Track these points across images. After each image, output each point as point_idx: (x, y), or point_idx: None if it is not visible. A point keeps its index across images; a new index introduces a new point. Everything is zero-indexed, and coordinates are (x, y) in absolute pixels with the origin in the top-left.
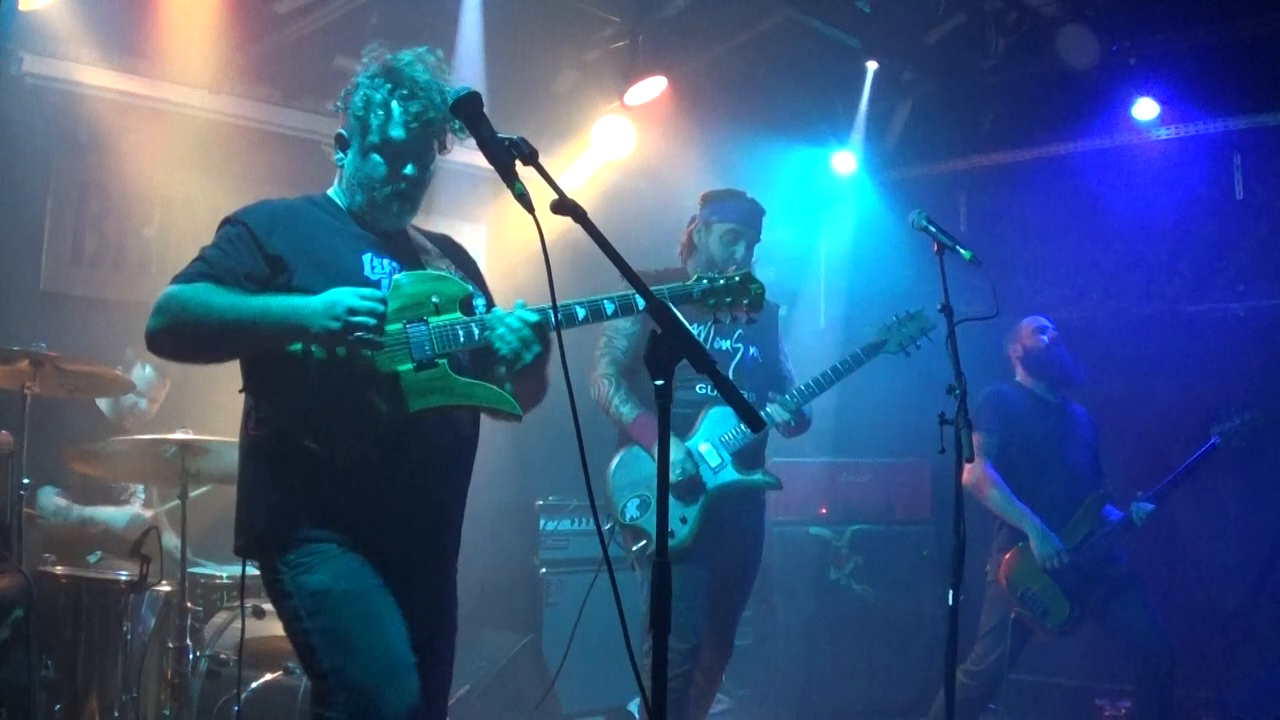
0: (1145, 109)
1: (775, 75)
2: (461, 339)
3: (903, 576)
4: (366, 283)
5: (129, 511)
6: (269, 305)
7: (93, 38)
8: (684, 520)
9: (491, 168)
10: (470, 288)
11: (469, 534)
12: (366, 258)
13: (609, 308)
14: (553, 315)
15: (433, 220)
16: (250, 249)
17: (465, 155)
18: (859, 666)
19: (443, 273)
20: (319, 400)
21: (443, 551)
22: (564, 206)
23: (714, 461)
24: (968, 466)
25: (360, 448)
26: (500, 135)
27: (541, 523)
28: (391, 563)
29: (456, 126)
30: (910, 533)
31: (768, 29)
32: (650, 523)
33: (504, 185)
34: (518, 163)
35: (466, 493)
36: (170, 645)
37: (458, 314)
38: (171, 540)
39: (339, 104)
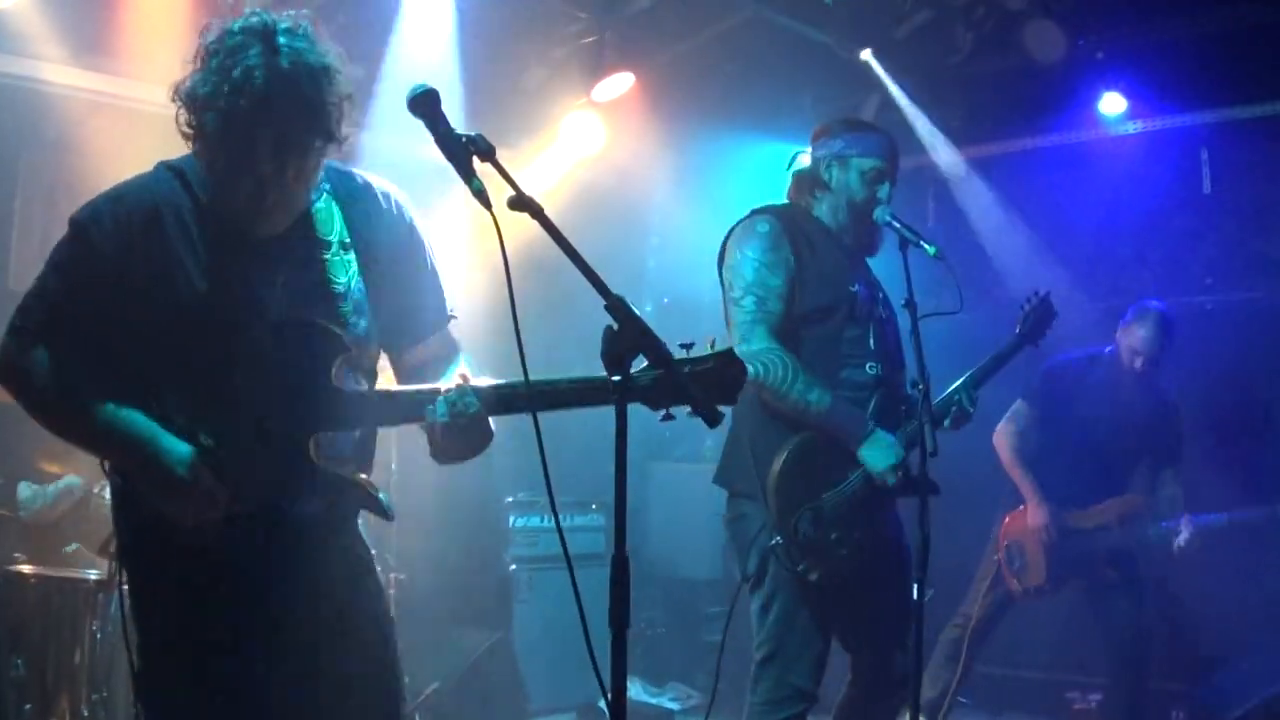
0: (1113, 103)
1: (743, 70)
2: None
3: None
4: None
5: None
6: (111, 439)
7: (60, 36)
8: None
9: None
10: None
11: (439, 531)
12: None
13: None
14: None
15: None
16: (98, 282)
17: (429, 152)
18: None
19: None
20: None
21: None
22: (521, 203)
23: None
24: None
25: (207, 533)
26: (458, 131)
27: (511, 519)
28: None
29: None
30: None
31: (735, 24)
32: (825, 540)
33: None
34: (475, 159)
35: (357, 564)
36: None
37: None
38: None
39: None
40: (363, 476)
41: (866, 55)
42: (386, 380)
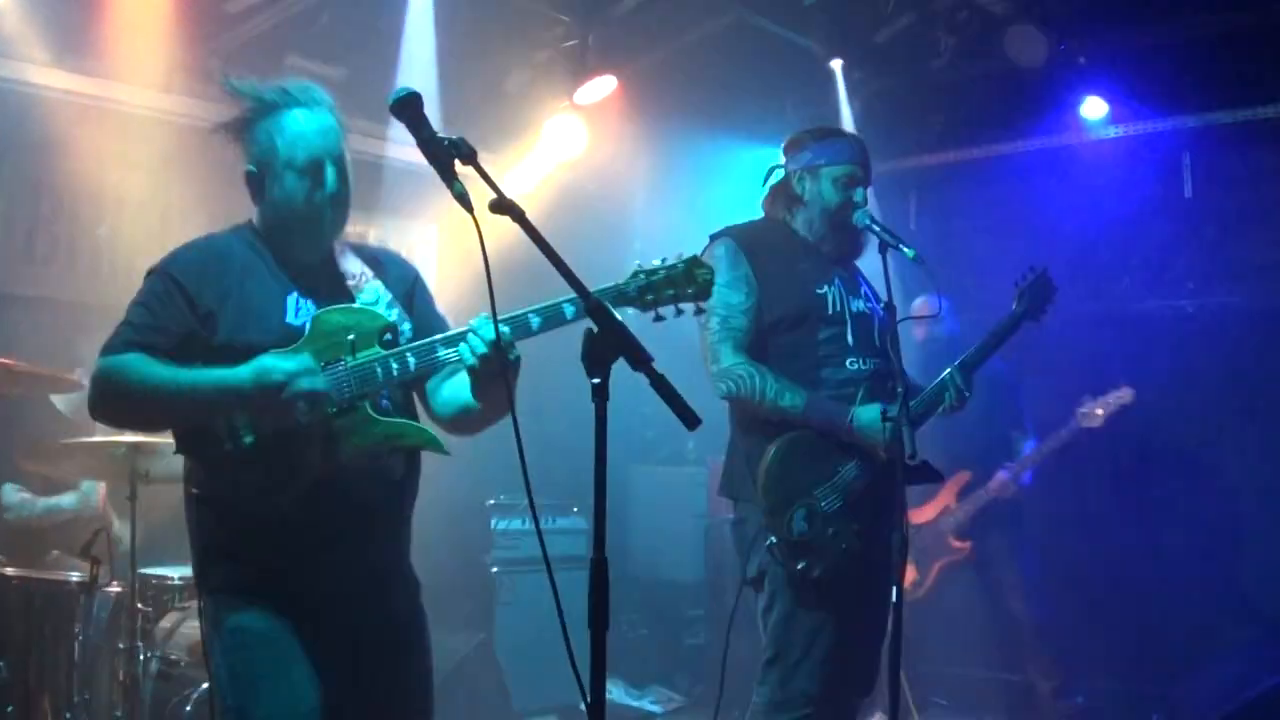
0: (1094, 108)
1: (725, 75)
2: (380, 377)
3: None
4: (288, 329)
5: (77, 493)
6: (197, 385)
7: (44, 38)
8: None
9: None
10: (390, 318)
11: (420, 533)
12: (290, 300)
13: (569, 312)
14: (493, 321)
15: (382, 220)
16: (179, 307)
17: (417, 154)
18: None
19: (361, 305)
20: (242, 457)
21: (380, 601)
22: (502, 206)
23: None
24: None
25: (286, 501)
26: (440, 135)
27: (493, 522)
28: (322, 617)
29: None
30: None
31: (717, 28)
32: (823, 536)
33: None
34: (458, 162)
35: (406, 539)
36: (121, 646)
37: (376, 349)
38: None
39: (234, 134)
40: (417, 422)
41: (835, 65)
42: None
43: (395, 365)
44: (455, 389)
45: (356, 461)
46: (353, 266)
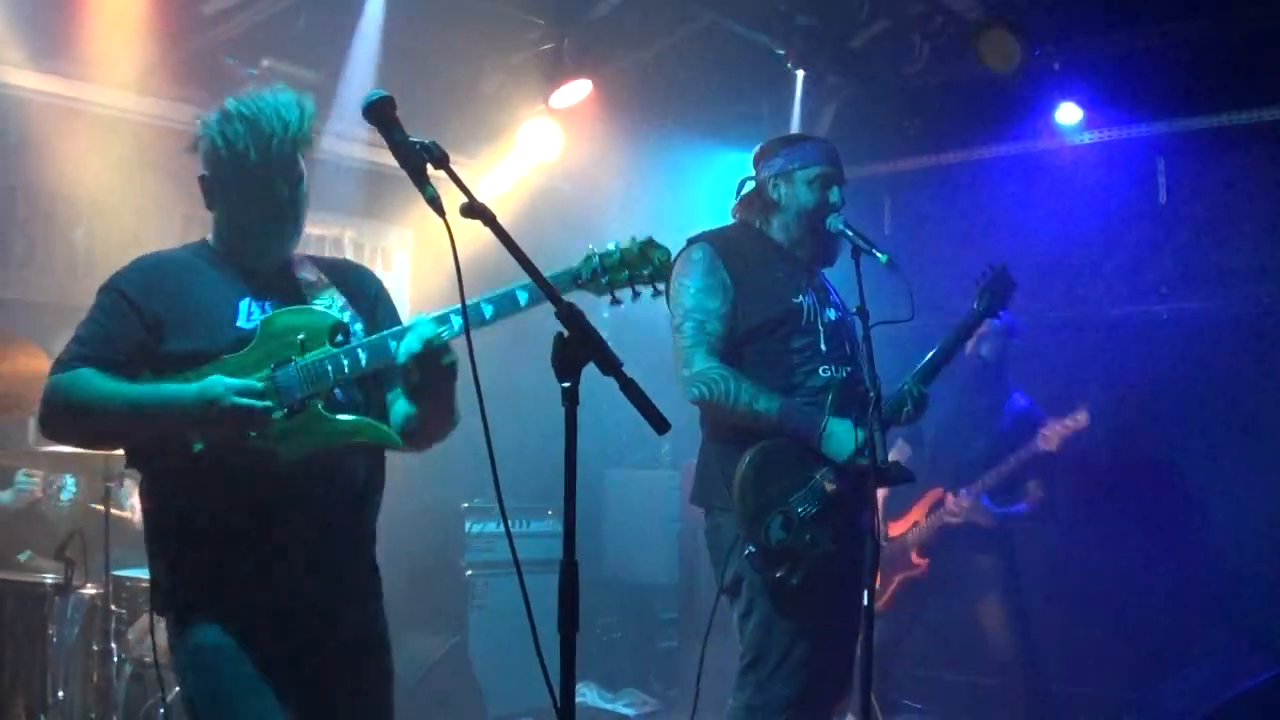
0: (1069, 113)
1: (700, 79)
2: (331, 375)
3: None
4: (237, 334)
5: (10, 489)
6: (143, 401)
7: (20, 39)
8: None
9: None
10: (341, 317)
11: (394, 536)
12: (244, 305)
13: (522, 297)
14: (461, 321)
15: (357, 223)
16: (127, 318)
17: (392, 158)
18: None
19: (311, 307)
20: (193, 469)
21: (343, 608)
22: (474, 210)
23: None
24: None
25: (241, 513)
26: (412, 139)
27: (467, 525)
28: (283, 629)
29: (298, 140)
30: None
31: (692, 33)
32: (800, 542)
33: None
34: (430, 167)
35: (369, 543)
36: (95, 648)
37: (326, 347)
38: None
39: (193, 148)
40: (373, 421)
41: (798, 74)
42: None
43: (346, 361)
44: (404, 400)
45: (313, 466)
46: (310, 275)
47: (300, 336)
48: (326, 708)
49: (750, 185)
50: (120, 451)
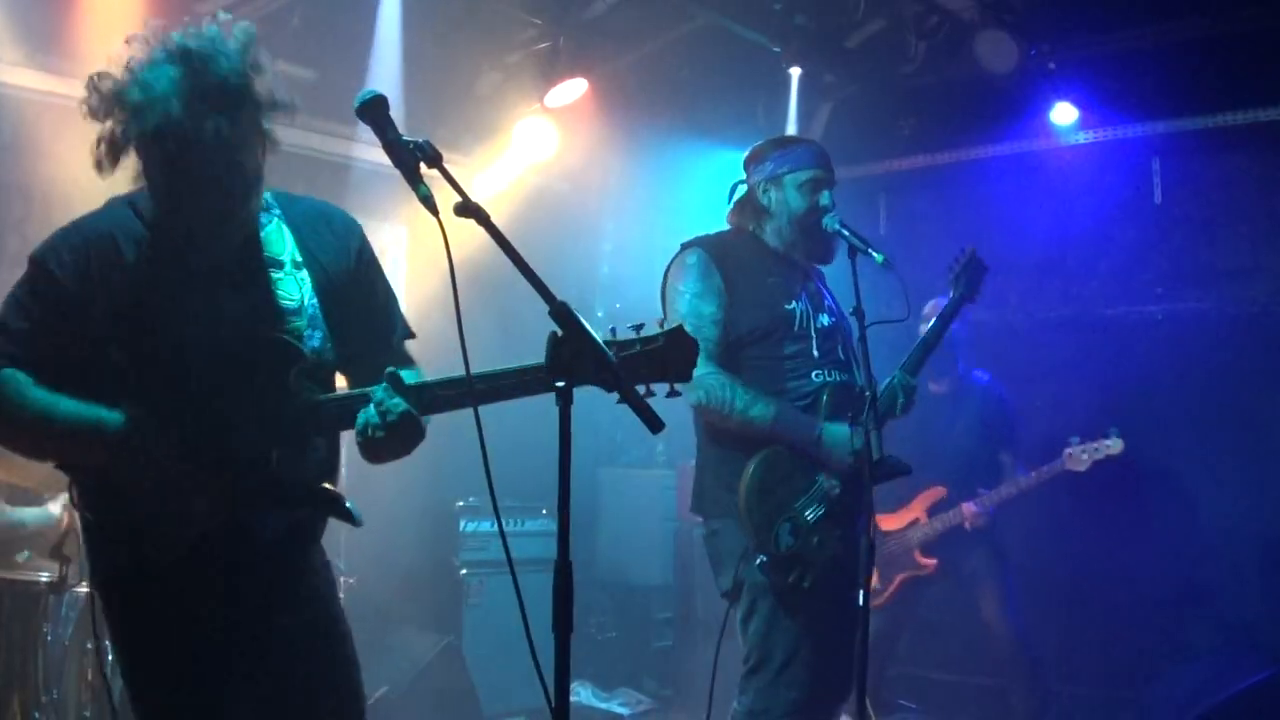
0: (1064, 113)
1: (696, 78)
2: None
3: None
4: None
5: (41, 509)
6: (66, 428)
7: (15, 37)
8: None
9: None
10: (299, 346)
11: (388, 535)
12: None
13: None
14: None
15: None
16: (59, 307)
17: (385, 156)
18: None
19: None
20: (128, 496)
21: (297, 609)
22: (467, 209)
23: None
24: None
25: (178, 550)
26: (405, 138)
27: (461, 524)
28: (236, 634)
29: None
30: None
31: (688, 32)
32: (809, 547)
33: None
34: (423, 165)
35: (319, 532)
36: (90, 646)
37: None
38: None
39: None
40: (328, 486)
41: (793, 72)
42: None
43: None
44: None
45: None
46: (278, 247)
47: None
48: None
49: (742, 190)
50: None
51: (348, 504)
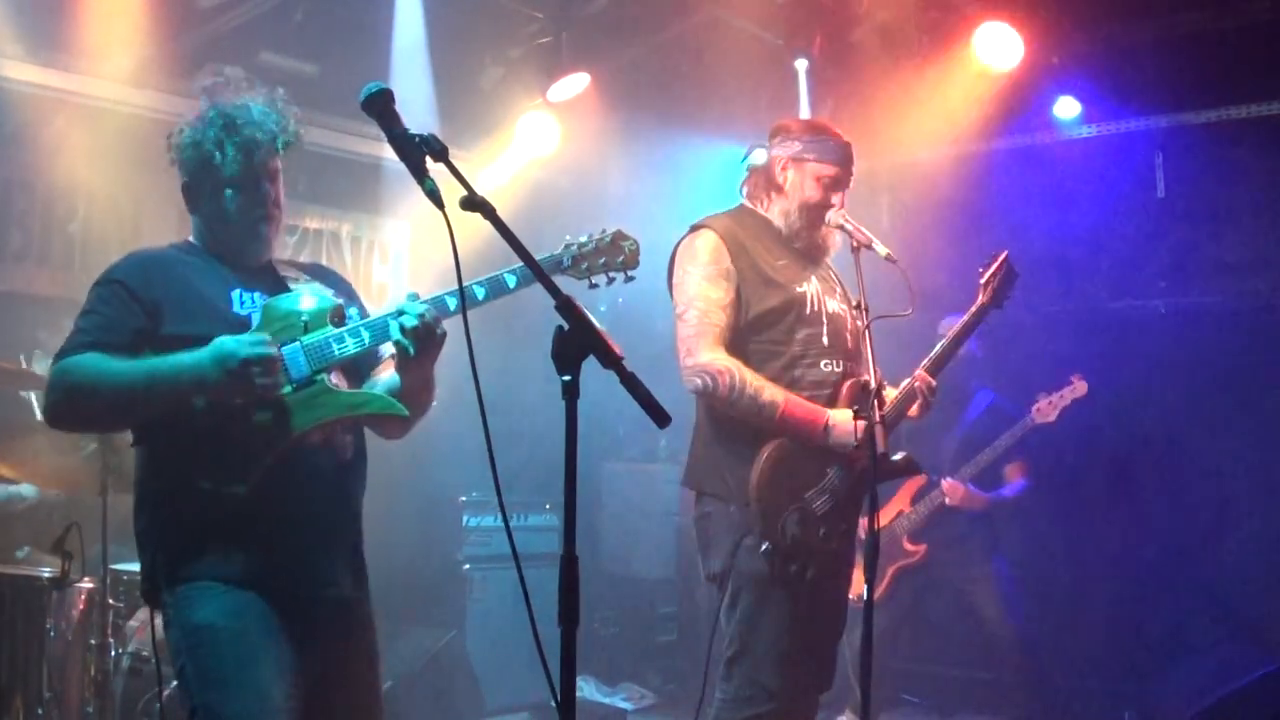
0: (1067, 107)
1: (699, 72)
2: (335, 352)
3: None
4: (236, 319)
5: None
6: (156, 369)
7: (16, 32)
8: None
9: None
10: (339, 300)
11: (392, 529)
12: (235, 294)
13: (510, 281)
14: (455, 301)
15: (354, 216)
16: (128, 304)
17: (390, 150)
18: None
19: (309, 292)
20: (206, 437)
21: (339, 579)
22: (473, 203)
23: None
24: None
25: (253, 478)
26: (411, 132)
27: (464, 519)
28: (283, 598)
29: (279, 145)
30: None
31: (691, 26)
32: (814, 537)
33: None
34: (429, 159)
35: (358, 524)
36: (93, 642)
37: (328, 328)
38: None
39: (171, 157)
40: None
41: (799, 65)
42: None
43: (351, 339)
44: (385, 384)
45: (312, 440)
46: (290, 272)
47: (304, 318)
48: (320, 675)
49: (760, 156)
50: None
51: (391, 399)
